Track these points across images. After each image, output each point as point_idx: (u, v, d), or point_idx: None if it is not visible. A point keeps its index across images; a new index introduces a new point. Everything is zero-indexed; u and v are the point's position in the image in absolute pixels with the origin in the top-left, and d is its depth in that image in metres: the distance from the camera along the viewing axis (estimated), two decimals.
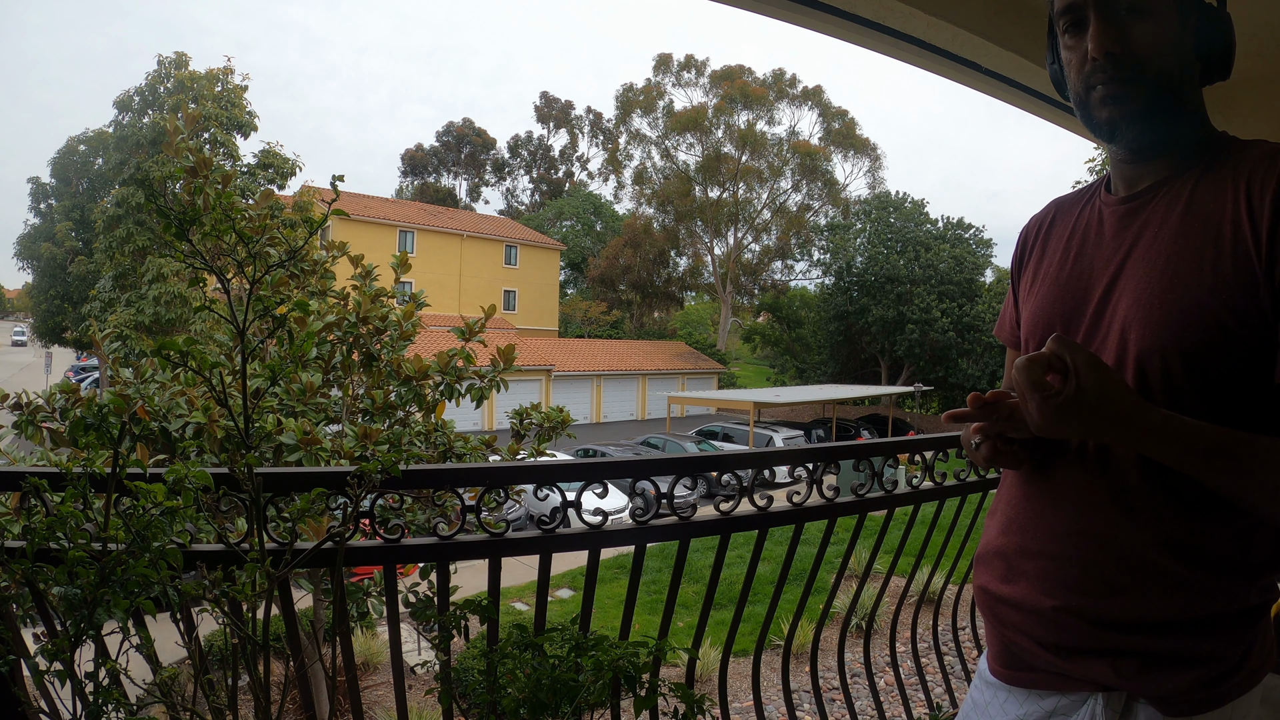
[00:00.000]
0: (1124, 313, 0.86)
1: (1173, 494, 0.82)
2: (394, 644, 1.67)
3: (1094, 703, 0.88)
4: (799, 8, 2.08)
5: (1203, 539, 0.82)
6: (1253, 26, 2.50)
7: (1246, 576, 0.84)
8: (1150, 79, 0.85)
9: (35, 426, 2.82)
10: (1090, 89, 0.88)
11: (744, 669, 5.63)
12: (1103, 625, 0.86)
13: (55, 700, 1.26)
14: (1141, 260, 0.87)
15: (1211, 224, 0.82)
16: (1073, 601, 0.87)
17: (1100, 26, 0.85)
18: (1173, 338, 0.81)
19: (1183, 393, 0.81)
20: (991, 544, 1.01)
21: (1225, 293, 0.79)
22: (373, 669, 6.26)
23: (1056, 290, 0.97)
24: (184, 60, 19.01)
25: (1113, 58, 0.85)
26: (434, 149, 53.29)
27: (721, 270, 42.23)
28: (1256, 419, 0.80)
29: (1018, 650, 0.96)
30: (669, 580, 1.81)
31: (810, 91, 41.68)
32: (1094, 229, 0.97)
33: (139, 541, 1.21)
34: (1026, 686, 0.96)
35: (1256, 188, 0.79)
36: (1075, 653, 0.89)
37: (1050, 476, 0.92)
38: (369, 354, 3.53)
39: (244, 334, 1.40)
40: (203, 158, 2.99)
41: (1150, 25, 0.85)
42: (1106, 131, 0.89)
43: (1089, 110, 0.90)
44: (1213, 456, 0.76)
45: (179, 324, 16.84)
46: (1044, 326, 0.97)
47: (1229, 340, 0.79)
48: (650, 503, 1.77)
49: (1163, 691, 0.84)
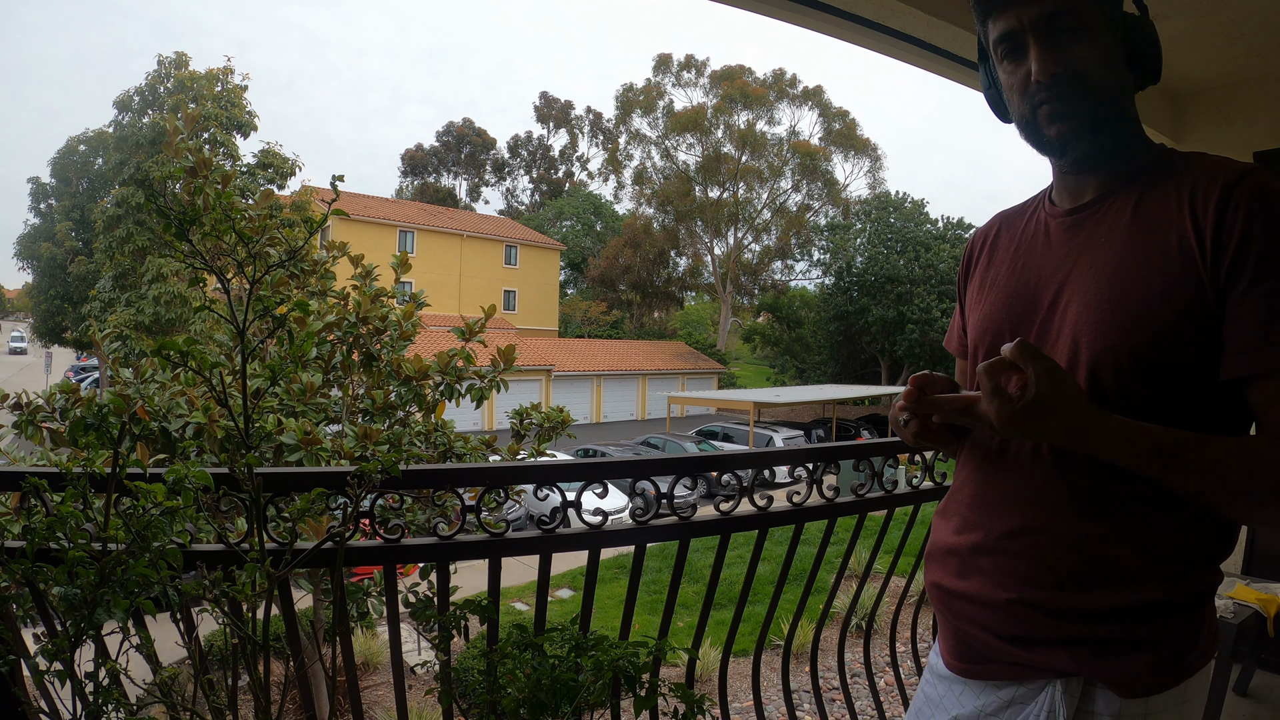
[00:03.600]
0: (1074, 318, 0.91)
1: (1127, 493, 0.86)
2: (394, 644, 1.67)
3: (1052, 689, 0.91)
4: (799, 8, 2.08)
5: (1156, 533, 0.87)
6: (1253, 26, 2.50)
7: (1197, 564, 0.88)
8: (1093, 94, 0.90)
9: (35, 426, 2.82)
10: (1037, 109, 0.92)
11: (744, 669, 5.63)
12: (1060, 616, 0.89)
13: (55, 700, 1.26)
14: (1089, 268, 0.91)
15: (1158, 233, 0.87)
16: (1029, 594, 0.91)
17: (1041, 50, 0.90)
18: (1124, 341, 0.85)
19: (1136, 394, 0.85)
20: (944, 542, 1.05)
21: (1173, 297, 0.83)
22: (373, 669, 6.26)
23: (1005, 298, 1.02)
24: (184, 60, 19.02)
25: (1056, 78, 0.89)
26: (434, 149, 53.29)
27: (721, 270, 42.23)
28: (1208, 418, 0.85)
29: (974, 643, 0.99)
30: (669, 580, 1.81)
31: (810, 91, 41.69)
32: (1040, 239, 1.01)
33: (139, 541, 1.21)
34: (984, 679, 0.99)
35: (1200, 199, 0.84)
36: (1033, 643, 0.92)
37: (1007, 478, 0.96)
38: (369, 354, 3.53)
39: (244, 334, 1.40)
40: (202, 158, 2.99)
41: (1086, 43, 0.89)
42: (1057, 147, 0.94)
43: (1037, 129, 0.94)
44: (1164, 459, 0.80)
45: (179, 324, 16.84)
46: (993, 333, 1.01)
47: (1178, 342, 0.83)
48: (650, 503, 1.77)
49: (1119, 675, 0.88)
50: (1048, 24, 0.89)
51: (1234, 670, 2.60)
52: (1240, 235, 0.81)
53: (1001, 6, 0.93)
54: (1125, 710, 0.88)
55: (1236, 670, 2.70)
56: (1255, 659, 2.75)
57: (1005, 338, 0.95)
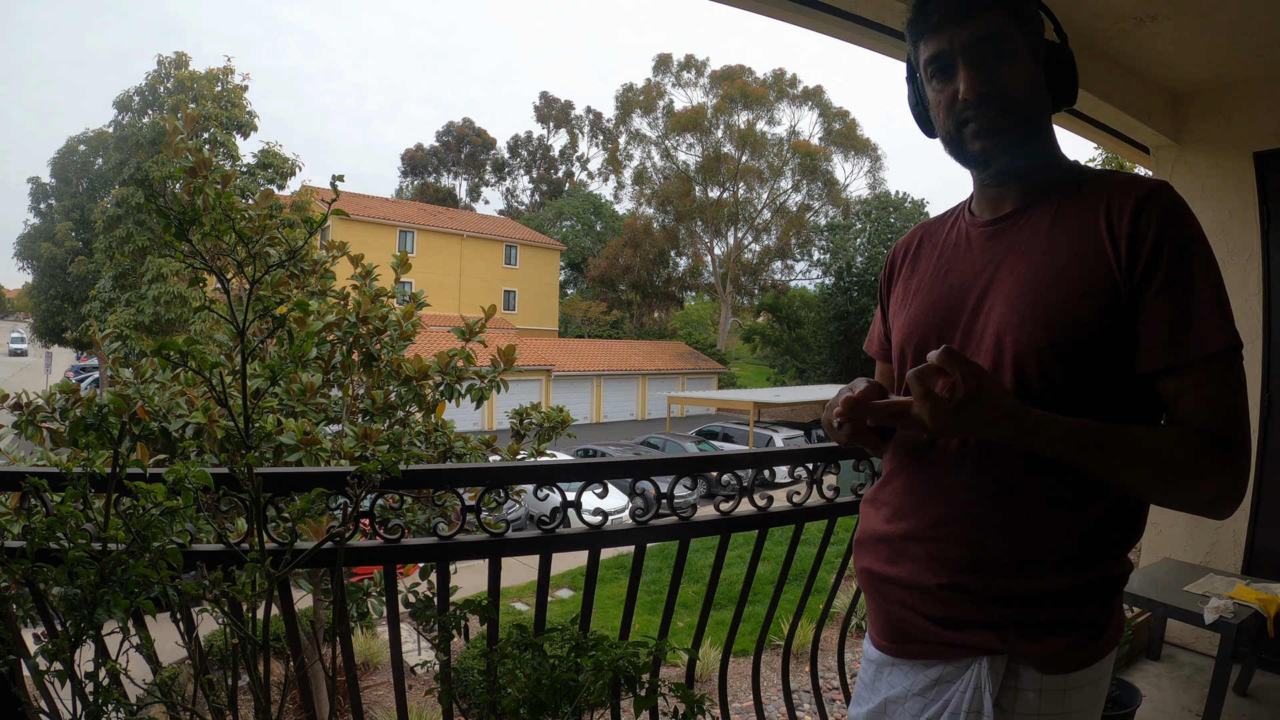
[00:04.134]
0: (998, 320, 0.97)
1: (1051, 483, 0.93)
2: (394, 644, 1.67)
3: (978, 666, 0.96)
4: (799, 8, 2.08)
5: (1078, 520, 0.93)
6: (1253, 26, 2.50)
7: (1115, 549, 0.96)
8: (1016, 113, 0.97)
9: (35, 426, 2.82)
10: (963, 126, 0.99)
11: (744, 669, 5.62)
12: (987, 599, 0.95)
13: (55, 700, 1.26)
14: (1011, 273, 0.98)
15: (1076, 240, 0.94)
16: (959, 579, 0.97)
17: (970, 72, 0.96)
18: (1046, 339, 0.92)
19: (1058, 389, 0.92)
20: (875, 530, 1.10)
21: (1090, 298, 0.91)
22: (373, 669, 6.25)
23: (930, 303, 1.08)
24: (184, 60, 19.01)
25: (983, 97, 0.96)
26: (434, 149, 53.28)
27: (721, 270, 42.22)
28: (1126, 410, 0.93)
29: (904, 625, 1.04)
30: (669, 580, 1.81)
31: (810, 91, 41.69)
32: (962, 247, 1.08)
33: (139, 541, 1.21)
34: (914, 658, 1.04)
35: (1116, 210, 0.92)
36: (961, 624, 0.97)
37: (936, 470, 1.01)
38: (369, 354, 3.53)
39: (244, 334, 1.40)
40: (202, 158, 2.98)
41: (1011, 65, 0.96)
42: (980, 162, 1.01)
43: (961, 145, 1.01)
44: (1083, 448, 0.87)
45: (179, 324, 16.83)
46: (920, 336, 1.07)
47: (1095, 339, 0.91)
48: (650, 503, 1.77)
49: (1042, 653, 0.94)
50: (976, 47, 0.96)
51: (1234, 670, 2.60)
52: (1153, 243, 0.89)
53: (934, 29, 0.98)
54: (1046, 685, 0.94)
55: (1237, 670, 2.70)
56: (1255, 659, 2.75)
57: (932, 341, 1.03)
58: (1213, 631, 2.39)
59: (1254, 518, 2.99)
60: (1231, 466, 0.87)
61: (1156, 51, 2.67)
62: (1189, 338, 0.87)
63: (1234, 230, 3.02)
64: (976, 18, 0.95)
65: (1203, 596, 2.53)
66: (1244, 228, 2.99)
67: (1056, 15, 1.10)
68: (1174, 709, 2.70)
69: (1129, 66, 2.79)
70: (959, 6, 0.96)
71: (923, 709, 1.02)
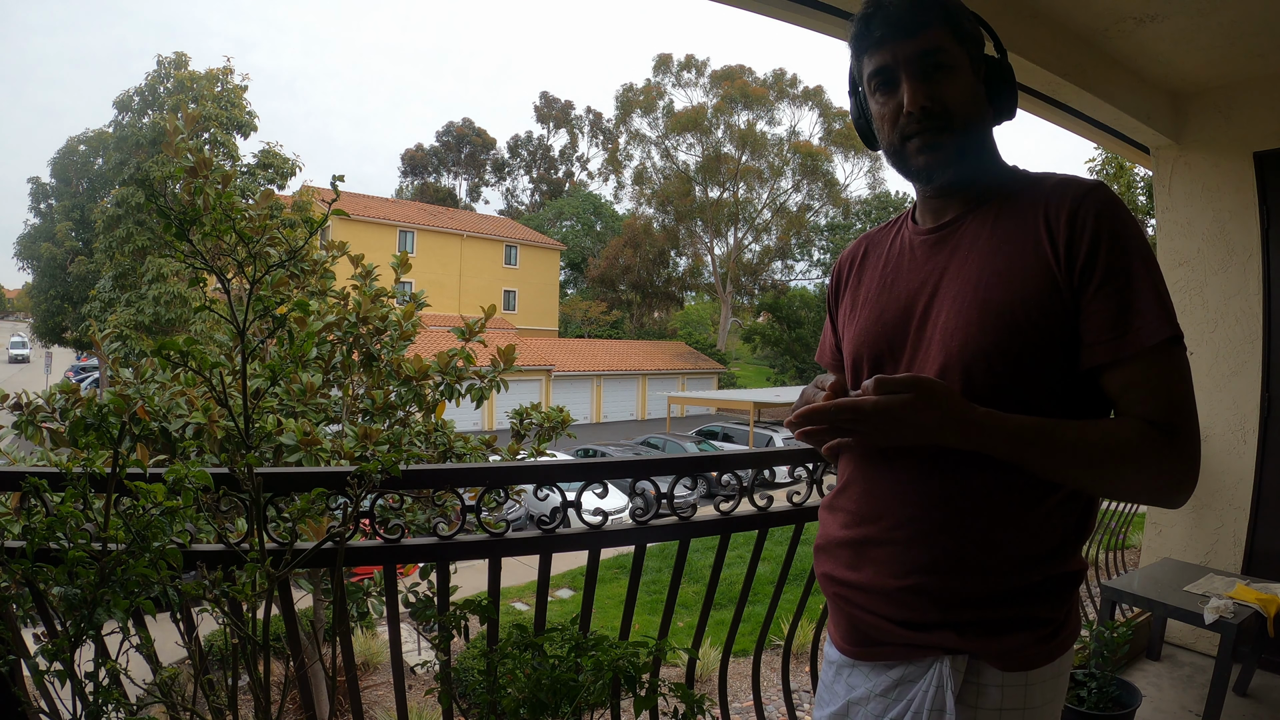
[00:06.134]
0: (944, 325, 0.99)
1: (1005, 484, 0.94)
2: (394, 644, 1.67)
3: (939, 665, 0.97)
4: (799, 8, 2.08)
5: (1036, 518, 0.95)
6: (1253, 26, 2.50)
7: (1070, 544, 0.98)
8: (958, 127, 0.99)
9: (35, 426, 2.82)
10: (906, 139, 1.01)
11: (744, 669, 5.62)
12: (948, 600, 0.97)
13: (55, 700, 1.26)
14: (955, 279, 1.00)
15: (1016, 243, 0.97)
16: (920, 581, 0.98)
17: (913, 85, 0.98)
18: (992, 341, 0.94)
19: (1007, 389, 0.94)
20: (834, 536, 1.11)
21: (1033, 299, 0.93)
22: (373, 669, 6.25)
23: (878, 313, 1.09)
24: (184, 60, 19.01)
25: (925, 110, 0.98)
26: (434, 149, 53.28)
27: (721, 270, 42.21)
28: (1076, 407, 0.94)
29: (865, 628, 1.06)
30: (669, 580, 1.81)
31: (811, 92, 41.67)
32: (906, 256, 1.10)
33: (139, 541, 1.21)
34: (874, 660, 1.06)
35: (1053, 211, 0.95)
36: (922, 626, 0.99)
37: (892, 475, 1.02)
38: (369, 354, 3.53)
39: (244, 334, 1.40)
40: (202, 158, 2.99)
41: (953, 80, 0.98)
42: (924, 175, 1.03)
43: (904, 158, 1.03)
44: (1032, 443, 0.89)
45: (179, 324, 16.83)
46: (870, 344, 1.09)
47: (1040, 339, 0.92)
48: (650, 503, 1.77)
49: (1003, 651, 0.96)
50: (918, 61, 0.98)
51: (1234, 670, 2.60)
52: (1089, 242, 0.91)
53: (878, 43, 1.00)
54: (1008, 680, 0.96)
55: (1237, 670, 2.70)
56: (1255, 659, 2.75)
57: (882, 349, 1.06)
58: (1213, 631, 2.39)
59: (1254, 518, 2.99)
60: (1180, 454, 0.89)
61: (1156, 51, 2.67)
62: (1130, 331, 0.89)
63: (1234, 230, 3.02)
64: (919, 33, 0.98)
65: (1203, 596, 2.53)
66: (1244, 228, 2.99)
67: (1058, 16, 1.11)
68: (1174, 709, 2.70)
69: (1129, 66, 2.79)
70: (902, 22, 0.98)
71: (885, 709, 1.03)
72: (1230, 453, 3.05)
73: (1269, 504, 2.96)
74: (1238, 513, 3.02)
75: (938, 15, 0.98)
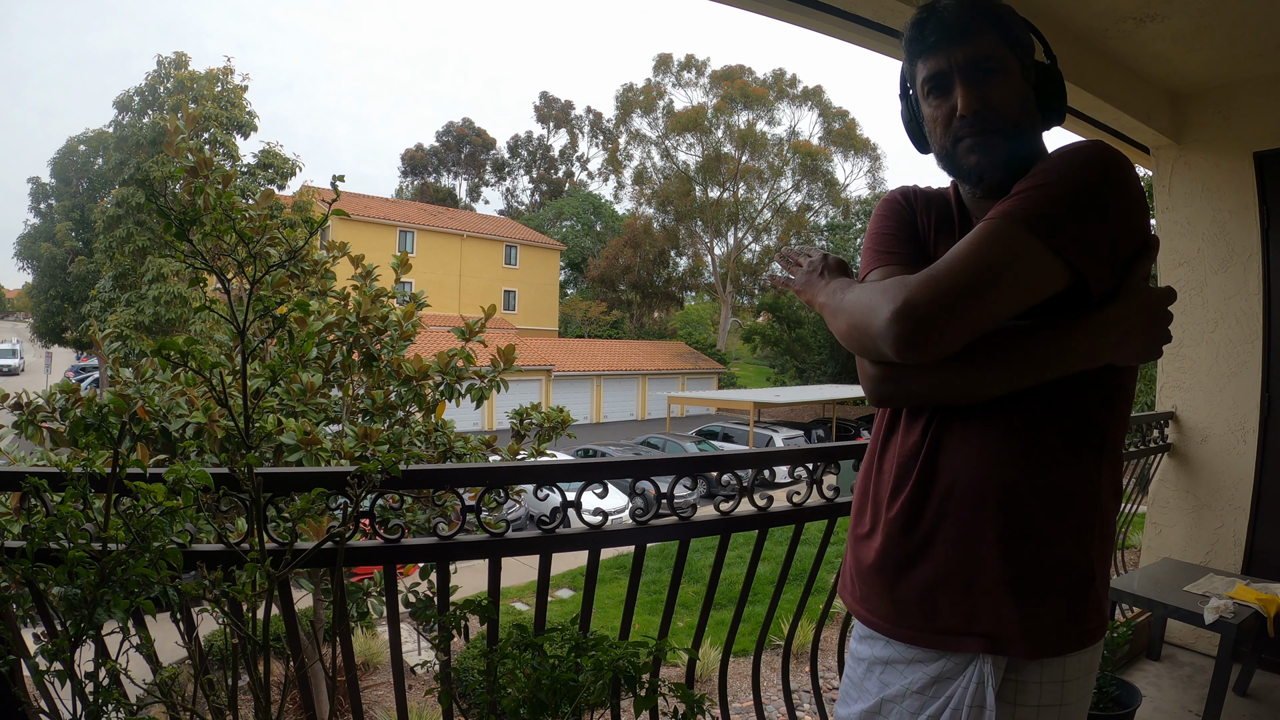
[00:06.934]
0: None
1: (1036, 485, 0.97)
2: (394, 644, 1.67)
3: (980, 662, 0.98)
4: (799, 8, 2.08)
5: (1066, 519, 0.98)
6: (1253, 26, 2.50)
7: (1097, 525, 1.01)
8: (1009, 130, 1.02)
9: (35, 426, 2.82)
10: (958, 141, 1.04)
11: (744, 669, 5.62)
12: (988, 584, 0.98)
13: (55, 700, 1.26)
14: None
15: None
16: (966, 576, 1.00)
17: (966, 89, 1.01)
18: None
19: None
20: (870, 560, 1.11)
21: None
22: (373, 669, 6.25)
23: None
24: (184, 60, 19.01)
25: (978, 114, 1.01)
26: (434, 149, 53.26)
27: (721, 270, 42.21)
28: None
29: (911, 615, 1.06)
30: (669, 580, 1.81)
31: (810, 91, 41.68)
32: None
33: (139, 541, 1.21)
34: (916, 645, 1.05)
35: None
36: (968, 617, 1.00)
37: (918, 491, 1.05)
38: (369, 354, 3.53)
39: (244, 334, 1.40)
40: (203, 158, 2.99)
41: (1004, 85, 1.02)
42: (974, 176, 1.06)
43: (956, 160, 1.06)
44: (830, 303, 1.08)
45: (179, 324, 16.84)
46: None
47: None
48: (650, 503, 1.77)
49: (1039, 628, 0.97)
50: (972, 66, 1.01)
51: (1234, 670, 2.60)
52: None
53: (932, 48, 1.03)
54: (1046, 677, 0.99)
55: (1237, 670, 2.69)
56: (1255, 659, 2.75)
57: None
58: (1213, 631, 2.38)
59: (1254, 518, 2.99)
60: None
61: (1156, 51, 2.67)
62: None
63: (1234, 230, 3.02)
64: (972, 39, 1.01)
65: (1203, 596, 2.52)
66: (1244, 228, 2.99)
67: (1058, 16, 1.12)
68: (1174, 709, 2.70)
69: (1129, 66, 2.79)
70: (955, 27, 1.01)
71: (922, 706, 1.03)
72: (1230, 453, 3.05)
73: (1269, 504, 2.96)
74: (1238, 513, 3.02)
75: (990, 21, 1.01)
